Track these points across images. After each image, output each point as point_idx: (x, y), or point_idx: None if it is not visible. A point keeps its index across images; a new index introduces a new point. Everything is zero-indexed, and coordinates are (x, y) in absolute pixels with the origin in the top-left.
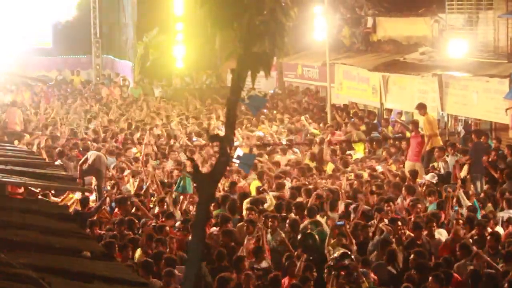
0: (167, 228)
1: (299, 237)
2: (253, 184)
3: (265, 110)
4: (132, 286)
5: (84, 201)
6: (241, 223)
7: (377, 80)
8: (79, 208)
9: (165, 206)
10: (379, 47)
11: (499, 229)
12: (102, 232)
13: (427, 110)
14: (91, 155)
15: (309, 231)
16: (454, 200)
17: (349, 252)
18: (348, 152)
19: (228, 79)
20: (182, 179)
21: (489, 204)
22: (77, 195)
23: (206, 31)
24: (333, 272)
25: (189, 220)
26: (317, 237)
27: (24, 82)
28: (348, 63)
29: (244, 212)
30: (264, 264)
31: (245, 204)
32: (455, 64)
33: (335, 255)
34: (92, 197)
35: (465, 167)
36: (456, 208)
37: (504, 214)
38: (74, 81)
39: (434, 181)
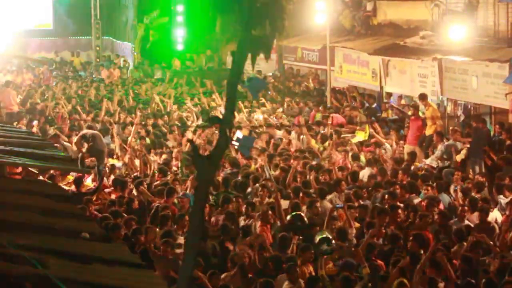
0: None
1: (288, 218)
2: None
3: (269, 92)
4: (130, 267)
5: (78, 181)
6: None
7: (377, 64)
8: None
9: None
10: (379, 30)
11: (497, 213)
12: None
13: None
14: (91, 135)
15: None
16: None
17: (329, 237)
18: (344, 135)
19: (228, 61)
20: None
21: (485, 189)
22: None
23: (206, 13)
24: (319, 258)
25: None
26: (305, 218)
27: (25, 64)
28: (348, 47)
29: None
30: None
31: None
32: (455, 48)
33: (316, 240)
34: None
35: (463, 151)
36: (456, 188)
37: (503, 200)
38: (74, 62)
39: (434, 165)
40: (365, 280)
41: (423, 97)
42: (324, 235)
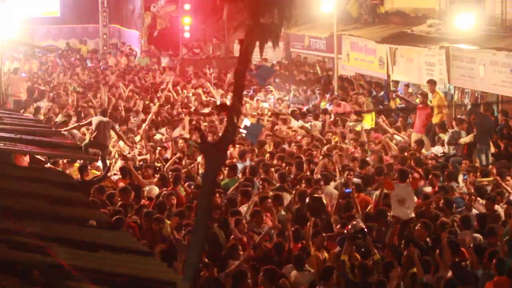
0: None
1: (307, 200)
2: None
3: (276, 80)
4: (137, 255)
5: (82, 168)
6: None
7: (384, 52)
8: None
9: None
10: (387, 19)
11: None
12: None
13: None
14: (96, 124)
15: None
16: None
17: (365, 228)
18: (352, 123)
19: (236, 49)
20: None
21: (497, 177)
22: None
23: (214, 1)
24: (348, 243)
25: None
26: (324, 200)
27: (31, 51)
28: (356, 35)
29: None
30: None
31: None
32: (462, 36)
33: (352, 228)
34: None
35: (469, 136)
36: (466, 176)
37: None
38: (82, 50)
39: (439, 154)
40: (379, 266)
41: (432, 82)
42: (360, 226)
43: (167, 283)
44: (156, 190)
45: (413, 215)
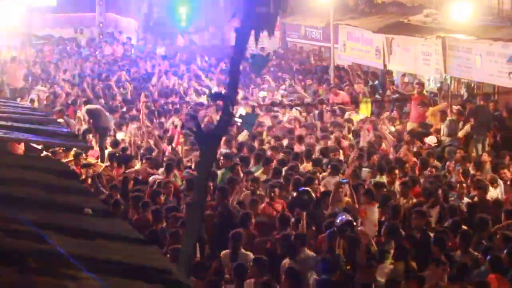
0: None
1: (294, 194)
2: None
3: (271, 69)
4: (133, 243)
5: (77, 156)
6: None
7: (381, 42)
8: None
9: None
10: (384, 8)
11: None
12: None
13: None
14: (96, 111)
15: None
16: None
17: (352, 219)
18: (348, 113)
19: (232, 38)
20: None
21: (488, 167)
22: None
23: None
24: (338, 237)
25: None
26: (312, 193)
27: (28, 40)
28: (352, 24)
29: None
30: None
31: None
32: (459, 27)
33: (337, 221)
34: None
35: (466, 127)
36: (458, 167)
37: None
38: (78, 39)
39: (433, 144)
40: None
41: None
42: (346, 219)
43: (163, 270)
44: None
45: None
